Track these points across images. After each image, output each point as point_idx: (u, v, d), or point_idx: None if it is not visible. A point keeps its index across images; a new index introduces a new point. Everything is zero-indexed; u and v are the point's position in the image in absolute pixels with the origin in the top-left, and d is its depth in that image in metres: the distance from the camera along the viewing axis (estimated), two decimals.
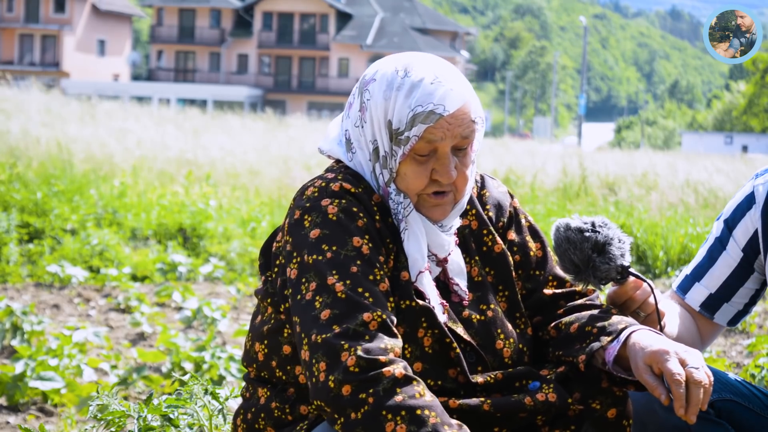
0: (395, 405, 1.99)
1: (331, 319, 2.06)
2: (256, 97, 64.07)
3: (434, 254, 2.27)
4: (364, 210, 2.19)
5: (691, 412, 2.12)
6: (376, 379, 2.01)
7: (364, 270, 2.12)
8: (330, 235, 2.14)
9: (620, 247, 2.33)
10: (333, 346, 2.03)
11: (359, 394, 2.00)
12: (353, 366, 2.01)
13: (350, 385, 2.00)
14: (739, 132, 62.30)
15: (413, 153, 2.20)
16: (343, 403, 2.01)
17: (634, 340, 2.20)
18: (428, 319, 2.19)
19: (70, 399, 4.84)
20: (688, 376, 2.12)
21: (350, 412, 2.00)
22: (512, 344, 2.29)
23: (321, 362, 2.04)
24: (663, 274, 9.68)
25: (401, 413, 1.98)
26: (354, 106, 2.27)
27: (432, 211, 2.25)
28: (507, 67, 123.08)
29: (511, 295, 2.35)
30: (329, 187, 2.19)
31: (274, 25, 67.34)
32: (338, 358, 2.02)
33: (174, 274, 8.53)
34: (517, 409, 2.17)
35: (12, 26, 62.70)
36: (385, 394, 1.99)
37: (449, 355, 2.20)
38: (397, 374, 2.02)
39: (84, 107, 22.67)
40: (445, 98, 2.17)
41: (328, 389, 2.02)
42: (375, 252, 2.16)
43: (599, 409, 2.25)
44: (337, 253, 2.13)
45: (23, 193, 10.08)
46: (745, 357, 5.90)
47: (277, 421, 2.23)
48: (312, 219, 2.17)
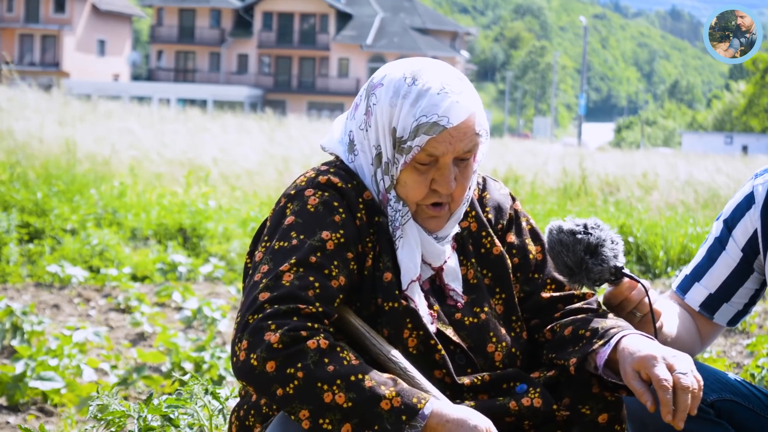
0: (328, 375, 2.00)
1: (266, 301, 2.07)
2: (256, 97, 64.05)
3: (429, 263, 2.28)
4: (346, 206, 2.20)
5: (678, 417, 2.11)
6: (301, 352, 2.01)
7: (322, 263, 2.13)
8: (302, 223, 2.17)
9: (613, 249, 2.32)
10: (258, 326, 2.04)
11: (286, 369, 2.01)
12: (276, 343, 2.01)
13: (274, 361, 2.01)
14: (739, 132, 62.28)
15: (414, 162, 2.20)
16: (268, 380, 2.01)
17: (624, 345, 2.19)
18: (413, 320, 2.19)
19: (70, 399, 4.84)
20: (675, 382, 2.11)
21: (276, 388, 2.01)
22: (504, 348, 2.29)
23: (243, 341, 2.04)
24: (663, 274, 9.68)
25: (336, 382, 2.00)
26: (360, 108, 2.27)
27: (428, 222, 2.25)
28: (507, 67, 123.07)
29: (508, 297, 2.35)
30: (317, 178, 2.22)
31: (274, 25, 67.33)
32: (261, 337, 2.03)
33: (174, 274, 8.53)
34: (502, 413, 2.17)
35: (12, 26, 62.69)
36: (315, 367, 2.00)
37: (434, 357, 2.20)
38: (322, 344, 2.03)
39: (84, 107, 22.67)
40: (450, 110, 2.16)
41: (251, 367, 2.02)
42: (342, 249, 2.16)
43: (589, 414, 2.25)
44: (302, 242, 2.14)
45: (23, 193, 10.07)
46: (745, 357, 5.89)
47: (264, 417, 2.23)
48: (292, 207, 2.20)
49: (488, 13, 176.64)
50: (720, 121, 71.23)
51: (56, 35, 62.83)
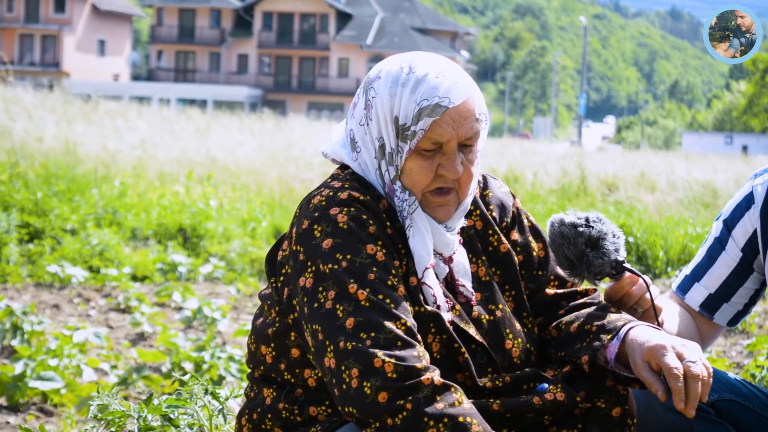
0: (437, 413, 2.00)
1: (357, 327, 2.06)
2: (256, 97, 64.06)
3: (440, 253, 2.27)
4: (374, 217, 2.18)
5: (690, 405, 2.12)
6: (415, 386, 2.02)
7: (381, 276, 2.12)
8: (342, 243, 2.14)
9: (614, 242, 2.32)
10: (365, 353, 2.03)
11: (397, 401, 2.00)
12: (391, 372, 2.01)
13: (387, 392, 2.01)
14: (739, 132, 62.27)
15: (419, 149, 2.20)
16: (379, 410, 2.01)
17: (632, 337, 2.20)
18: (436, 324, 2.19)
19: (70, 399, 4.84)
20: (685, 370, 2.12)
21: (386, 418, 2.01)
22: (521, 344, 2.30)
23: (353, 369, 2.03)
24: (663, 274, 9.68)
25: (443, 420, 1.99)
26: (359, 105, 2.27)
27: (436, 211, 2.24)
28: (507, 67, 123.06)
29: (518, 294, 2.35)
30: (337, 195, 2.18)
31: (274, 25, 67.33)
32: (372, 365, 2.02)
33: (174, 274, 8.53)
34: (526, 409, 2.18)
35: (12, 26, 62.68)
36: (426, 402, 2.00)
37: (457, 360, 2.20)
38: (436, 381, 2.03)
39: (84, 107, 22.66)
40: (450, 91, 2.18)
41: (363, 395, 2.02)
42: (389, 258, 2.16)
43: (604, 408, 2.26)
44: (353, 261, 2.12)
45: (23, 193, 10.07)
46: (745, 357, 5.90)
47: (285, 422, 2.22)
48: (322, 229, 2.15)
49: (488, 13, 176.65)
50: (720, 121, 71.22)
51: (56, 35, 62.82)
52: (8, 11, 63.20)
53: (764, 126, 63.18)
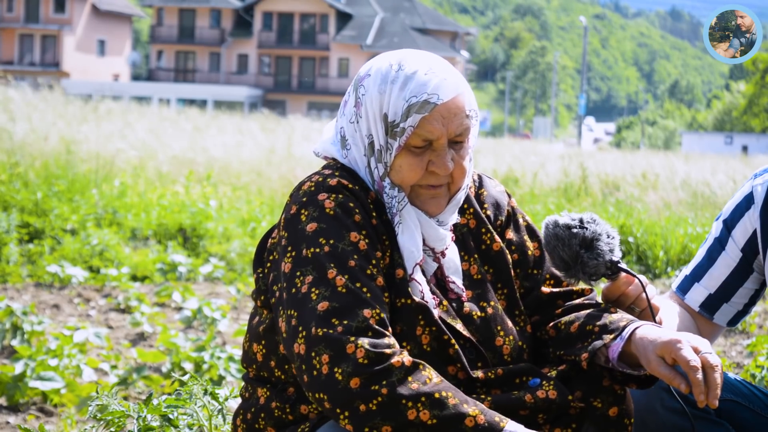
0: (413, 393, 2.01)
1: (330, 312, 2.06)
2: (256, 97, 64.07)
3: (431, 248, 2.27)
4: (360, 206, 2.19)
5: (711, 396, 2.11)
6: (387, 370, 2.02)
7: (361, 264, 2.13)
8: (327, 228, 2.15)
9: (609, 243, 2.32)
10: (336, 340, 2.03)
11: (371, 386, 2.01)
12: (362, 358, 2.01)
13: (360, 377, 2.01)
14: (739, 132, 62.26)
15: (409, 145, 2.21)
16: (351, 396, 2.01)
17: (641, 335, 2.20)
18: (425, 316, 2.19)
19: (70, 399, 4.84)
20: (703, 362, 2.13)
21: (359, 404, 2.01)
22: (512, 341, 2.30)
23: (323, 355, 2.03)
24: (663, 274, 9.68)
25: (421, 399, 2.00)
26: (349, 102, 2.29)
27: (427, 204, 2.25)
28: (507, 67, 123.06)
29: (510, 293, 2.35)
30: (326, 182, 2.20)
31: (274, 25, 67.35)
32: (344, 351, 2.02)
33: (174, 274, 8.53)
34: (517, 406, 2.18)
35: (12, 26, 62.70)
36: (399, 384, 2.01)
37: (448, 352, 2.20)
38: (406, 362, 2.04)
39: (85, 107, 22.66)
40: (439, 88, 2.19)
41: (335, 381, 2.01)
42: (371, 248, 2.16)
43: (600, 408, 2.25)
44: (335, 247, 2.13)
45: (23, 193, 10.07)
46: (745, 357, 5.90)
47: (277, 421, 2.23)
48: (309, 213, 2.17)
49: (488, 13, 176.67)
50: (720, 121, 71.22)
51: (56, 35, 62.84)
52: (8, 11, 63.20)
53: (764, 126, 63.18)
